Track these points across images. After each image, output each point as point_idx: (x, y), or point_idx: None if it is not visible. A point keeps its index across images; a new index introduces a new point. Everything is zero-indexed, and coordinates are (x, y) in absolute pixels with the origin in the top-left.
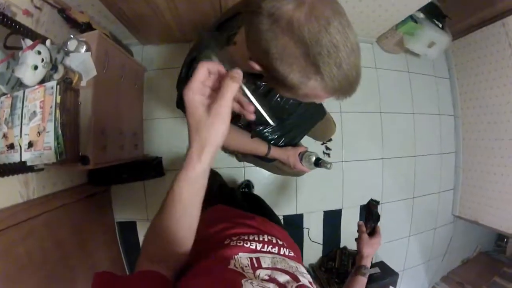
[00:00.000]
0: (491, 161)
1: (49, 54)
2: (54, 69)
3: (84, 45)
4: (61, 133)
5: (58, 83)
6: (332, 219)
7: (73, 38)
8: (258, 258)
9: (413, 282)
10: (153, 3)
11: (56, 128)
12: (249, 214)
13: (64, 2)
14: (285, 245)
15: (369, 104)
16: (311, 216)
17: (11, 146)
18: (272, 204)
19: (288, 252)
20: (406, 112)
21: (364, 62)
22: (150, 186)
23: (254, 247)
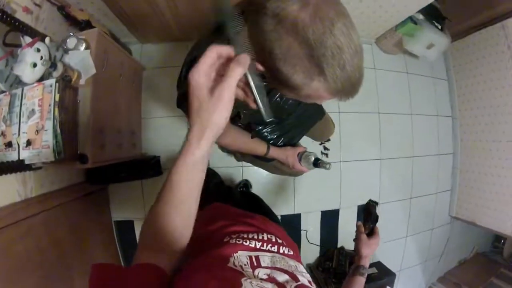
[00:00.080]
0: (489, 162)
1: (48, 52)
2: (53, 67)
3: (84, 43)
4: (59, 131)
5: (57, 81)
6: (329, 219)
7: (72, 36)
8: (257, 257)
9: (410, 283)
10: (153, 2)
11: (54, 126)
12: (249, 213)
13: (64, 0)
14: (284, 244)
15: (368, 105)
16: (309, 216)
17: (9, 144)
18: (270, 204)
19: (287, 250)
20: (404, 113)
21: None
22: (148, 185)
23: (253, 246)
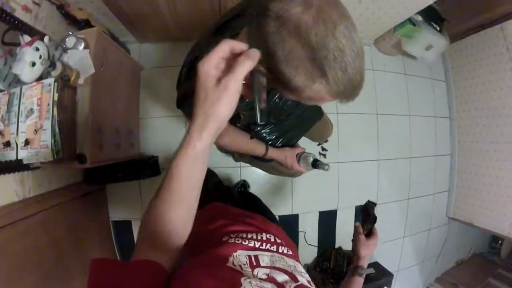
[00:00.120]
0: (486, 163)
1: (47, 51)
2: (52, 66)
3: (83, 42)
4: (58, 131)
5: (55, 80)
6: (327, 220)
7: (71, 35)
8: (256, 256)
9: (407, 283)
10: (153, 2)
11: (53, 126)
12: (249, 213)
13: None
14: (283, 244)
15: (366, 106)
16: (307, 217)
17: (7, 144)
18: (268, 205)
19: (286, 250)
20: (402, 114)
21: None
22: (146, 185)
23: (252, 245)
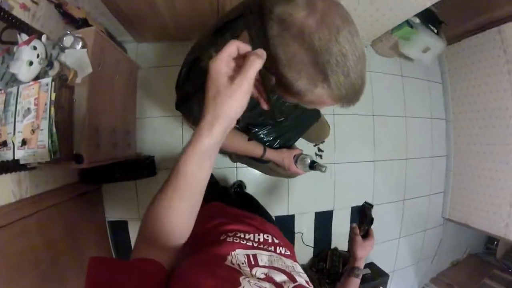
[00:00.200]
0: (482, 165)
1: (44, 50)
2: (50, 66)
3: (80, 42)
4: (55, 131)
5: (53, 80)
6: (323, 220)
7: (69, 34)
8: (255, 256)
9: (403, 283)
10: (152, 1)
11: (50, 126)
12: (248, 213)
13: None
14: (281, 244)
15: (362, 107)
16: (303, 217)
17: (4, 144)
18: (264, 205)
19: (284, 250)
20: (398, 116)
21: None
22: (142, 185)
23: (250, 245)
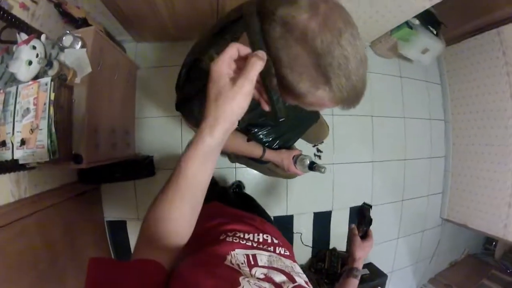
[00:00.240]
0: (481, 166)
1: (44, 50)
2: (49, 65)
3: (80, 41)
4: (54, 131)
5: (52, 80)
6: (322, 221)
7: (68, 34)
8: (254, 256)
9: (401, 284)
10: (151, 1)
11: (49, 125)
12: (248, 214)
13: None
14: (281, 244)
15: (361, 108)
16: (301, 218)
17: (3, 144)
18: (263, 205)
19: (283, 251)
20: (397, 116)
21: None
22: (141, 185)
23: (250, 245)
